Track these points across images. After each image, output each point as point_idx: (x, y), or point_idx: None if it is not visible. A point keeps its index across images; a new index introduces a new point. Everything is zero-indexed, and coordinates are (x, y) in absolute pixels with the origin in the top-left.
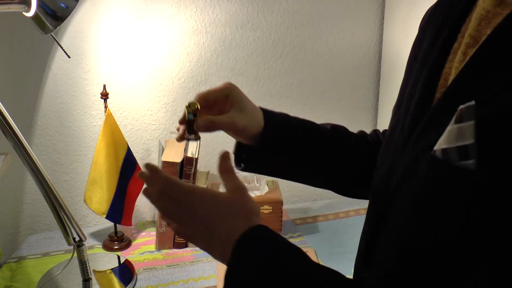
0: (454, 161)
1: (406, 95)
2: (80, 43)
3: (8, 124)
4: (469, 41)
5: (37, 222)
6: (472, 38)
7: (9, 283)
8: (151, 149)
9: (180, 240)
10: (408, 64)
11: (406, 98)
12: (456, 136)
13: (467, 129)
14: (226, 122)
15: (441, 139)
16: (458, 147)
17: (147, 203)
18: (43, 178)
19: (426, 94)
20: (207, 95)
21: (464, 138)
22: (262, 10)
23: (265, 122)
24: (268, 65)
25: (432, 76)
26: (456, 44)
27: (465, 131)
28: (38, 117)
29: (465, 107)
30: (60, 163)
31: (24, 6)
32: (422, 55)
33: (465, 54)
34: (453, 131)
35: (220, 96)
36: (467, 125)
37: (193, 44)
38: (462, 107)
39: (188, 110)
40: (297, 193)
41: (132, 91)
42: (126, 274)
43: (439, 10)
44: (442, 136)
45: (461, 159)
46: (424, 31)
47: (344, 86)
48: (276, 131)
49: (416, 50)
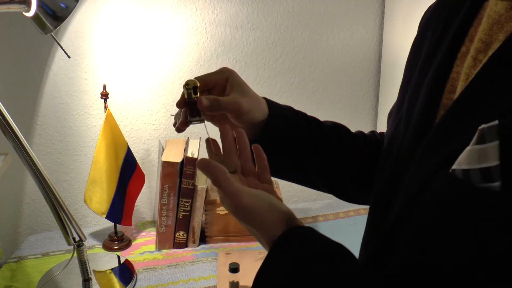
0: (477, 183)
1: (408, 98)
2: (80, 43)
3: (8, 124)
4: (480, 46)
5: (37, 222)
6: (483, 43)
7: (9, 283)
8: (151, 149)
9: (180, 240)
10: (408, 65)
11: (408, 100)
12: (478, 157)
13: (491, 151)
14: (231, 101)
15: (461, 159)
16: (481, 169)
17: (147, 203)
18: (43, 178)
19: (431, 99)
20: (206, 77)
21: (487, 160)
22: (262, 10)
23: (269, 109)
24: (268, 65)
25: (438, 80)
26: (464, 48)
27: (489, 153)
28: (38, 117)
29: (487, 127)
30: (60, 163)
31: (24, 6)
32: (424, 57)
33: (475, 60)
34: (475, 151)
35: (219, 79)
36: (490, 146)
37: (193, 44)
38: (485, 127)
39: (188, 89)
40: (297, 193)
41: (132, 91)
42: (126, 274)
43: (441, 11)
44: (462, 156)
45: (484, 181)
46: (424, 31)
47: (344, 86)
48: (280, 119)
49: (416, 51)
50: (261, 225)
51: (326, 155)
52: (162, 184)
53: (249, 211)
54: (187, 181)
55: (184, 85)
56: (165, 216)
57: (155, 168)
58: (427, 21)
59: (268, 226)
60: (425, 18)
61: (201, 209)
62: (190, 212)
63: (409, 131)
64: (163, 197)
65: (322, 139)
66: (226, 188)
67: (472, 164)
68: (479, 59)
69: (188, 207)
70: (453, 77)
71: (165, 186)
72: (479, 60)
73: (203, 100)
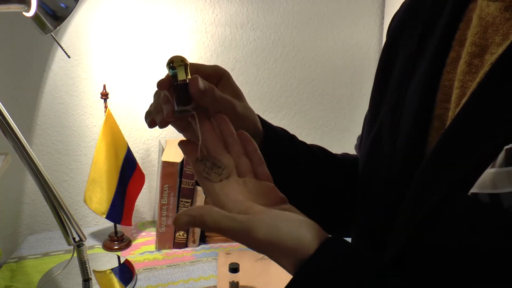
0: (509, 207)
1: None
2: (80, 43)
3: (8, 124)
4: (474, 50)
5: (37, 222)
6: (478, 47)
7: (9, 283)
8: (151, 149)
9: (180, 240)
10: (380, 72)
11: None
12: (509, 179)
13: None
14: (227, 98)
15: (484, 182)
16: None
17: (147, 203)
18: (43, 178)
19: (423, 110)
20: (199, 66)
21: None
22: (262, 10)
23: (264, 129)
24: (268, 65)
25: (428, 90)
26: (453, 53)
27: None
28: (38, 117)
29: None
30: (60, 163)
31: (24, 6)
32: (403, 65)
33: (470, 65)
34: (504, 174)
35: (213, 73)
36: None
37: (193, 44)
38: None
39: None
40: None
41: (132, 91)
42: (126, 274)
43: (415, 14)
44: (485, 179)
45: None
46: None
47: (344, 86)
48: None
49: (388, 60)
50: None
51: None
52: (162, 184)
53: (266, 245)
54: (187, 181)
55: (168, 62)
56: (165, 216)
57: (155, 168)
58: (398, 26)
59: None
60: (395, 22)
61: None
62: None
63: (399, 146)
64: (163, 197)
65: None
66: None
67: (502, 188)
68: (475, 64)
69: (188, 207)
70: (445, 85)
71: (165, 186)
72: (474, 65)
73: (199, 81)
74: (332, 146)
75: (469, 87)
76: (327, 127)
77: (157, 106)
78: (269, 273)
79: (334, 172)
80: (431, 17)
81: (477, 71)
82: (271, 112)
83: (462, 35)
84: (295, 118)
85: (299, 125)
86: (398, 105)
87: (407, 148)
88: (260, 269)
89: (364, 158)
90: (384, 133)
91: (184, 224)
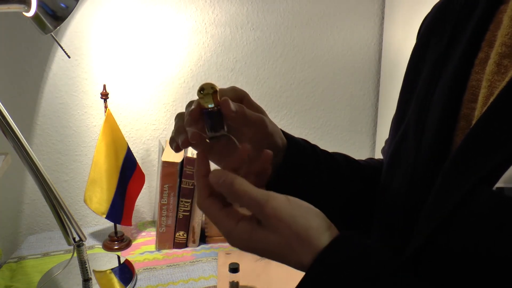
0: None
1: (416, 110)
2: (80, 43)
3: (8, 124)
4: (504, 51)
5: (37, 222)
6: (508, 47)
7: (9, 283)
8: (151, 149)
9: (180, 240)
10: (409, 75)
11: (416, 112)
12: None
13: None
14: (258, 117)
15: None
16: None
17: (147, 203)
18: (43, 178)
19: (449, 109)
20: (221, 90)
21: None
22: (262, 10)
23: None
24: (268, 65)
25: (455, 89)
26: (482, 53)
27: None
28: (38, 117)
29: None
30: (60, 163)
31: (24, 6)
32: (432, 65)
33: (499, 65)
34: None
35: (233, 96)
36: None
37: (193, 44)
38: None
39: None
40: None
41: (132, 91)
42: (126, 274)
43: (445, 16)
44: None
45: None
46: (426, 38)
47: (344, 86)
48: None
49: (418, 60)
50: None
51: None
52: (162, 184)
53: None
54: (187, 181)
55: (199, 90)
56: (165, 216)
57: (155, 168)
58: (428, 28)
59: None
60: (425, 25)
61: None
62: (190, 212)
63: (424, 146)
64: (163, 197)
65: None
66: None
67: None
68: (504, 64)
69: (188, 207)
70: (473, 85)
71: (165, 186)
72: (503, 66)
73: (230, 103)
74: (332, 146)
75: (497, 87)
76: (327, 127)
77: (179, 129)
78: (269, 273)
79: (356, 178)
80: (461, 19)
81: (506, 71)
82: (271, 112)
83: (491, 36)
84: (295, 118)
85: (299, 125)
86: (425, 105)
87: (432, 148)
88: (260, 269)
89: (389, 159)
90: (410, 132)
91: (216, 178)
